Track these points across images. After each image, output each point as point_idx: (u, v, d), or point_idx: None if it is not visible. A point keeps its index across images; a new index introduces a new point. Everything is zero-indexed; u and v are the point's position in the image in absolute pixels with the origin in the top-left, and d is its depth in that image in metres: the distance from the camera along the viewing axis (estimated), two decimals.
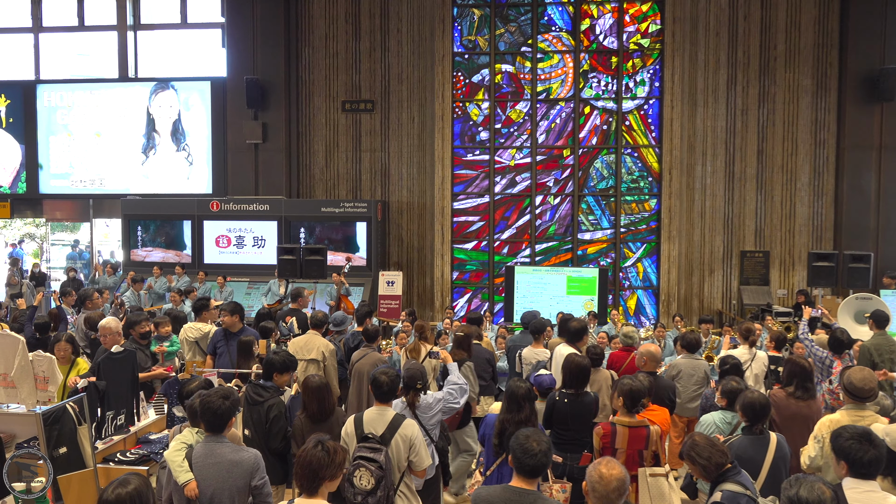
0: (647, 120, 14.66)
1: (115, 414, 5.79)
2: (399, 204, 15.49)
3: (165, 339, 7.34)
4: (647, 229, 14.77)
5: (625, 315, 14.52)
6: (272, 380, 5.30)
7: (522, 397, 4.76)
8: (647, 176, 14.73)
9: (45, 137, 16.72)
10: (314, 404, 4.88)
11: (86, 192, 16.69)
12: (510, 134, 15.01)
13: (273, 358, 5.32)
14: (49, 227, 18.87)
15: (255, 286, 14.35)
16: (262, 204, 14.70)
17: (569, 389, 5.44)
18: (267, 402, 5.11)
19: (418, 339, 7.53)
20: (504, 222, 15.09)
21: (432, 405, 5.12)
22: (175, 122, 16.29)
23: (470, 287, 15.24)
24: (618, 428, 4.80)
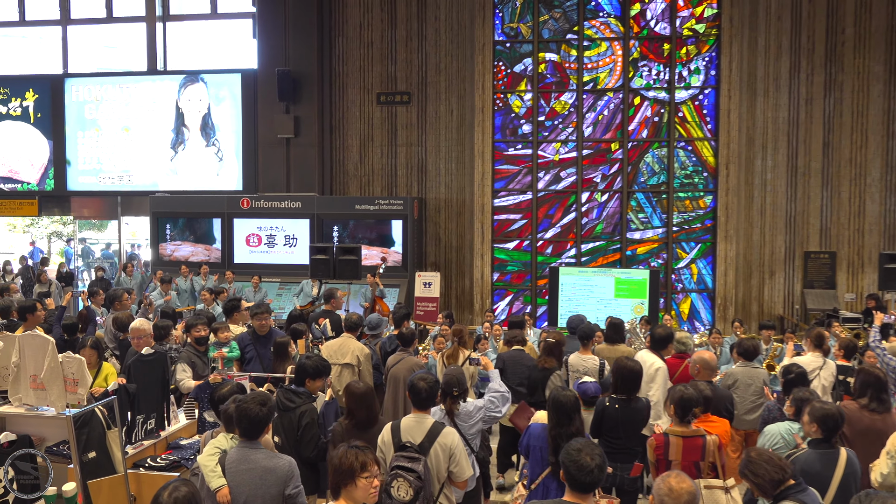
0: (703, 111, 14.48)
1: (145, 418, 5.92)
2: (436, 201, 15.54)
3: (225, 345, 7.32)
4: (701, 228, 14.58)
5: (678, 320, 14.36)
6: (304, 385, 5.36)
7: (571, 409, 4.74)
8: (701, 171, 14.54)
9: (74, 133, 17.18)
10: (363, 411, 4.92)
11: (114, 189, 17.10)
12: (554, 127, 14.94)
13: (305, 363, 5.38)
14: (77, 225, 19.38)
15: (287, 287, 14.53)
16: (294, 201, 14.88)
17: (620, 395, 5.41)
18: (299, 409, 5.17)
19: (456, 345, 7.55)
20: (548, 220, 15.03)
21: (472, 413, 5.13)
22: (204, 116, 16.59)
23: (511, 289, 15.22)
24: (671, 439, 4.76)
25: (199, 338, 7.06)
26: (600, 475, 3.39)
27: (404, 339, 7.33)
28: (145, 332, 6.64)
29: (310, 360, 5.40)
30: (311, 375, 5.39)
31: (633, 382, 5.35)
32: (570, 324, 8.29)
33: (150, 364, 6.10)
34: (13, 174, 17.58)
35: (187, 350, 7.02)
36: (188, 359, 6.87)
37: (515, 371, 7.37)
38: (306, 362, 5.37)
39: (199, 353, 6.99)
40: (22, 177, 17.54)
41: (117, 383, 5.87)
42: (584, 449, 3.45)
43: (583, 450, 3.45)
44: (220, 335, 7.33)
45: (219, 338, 7.32)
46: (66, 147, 17.20)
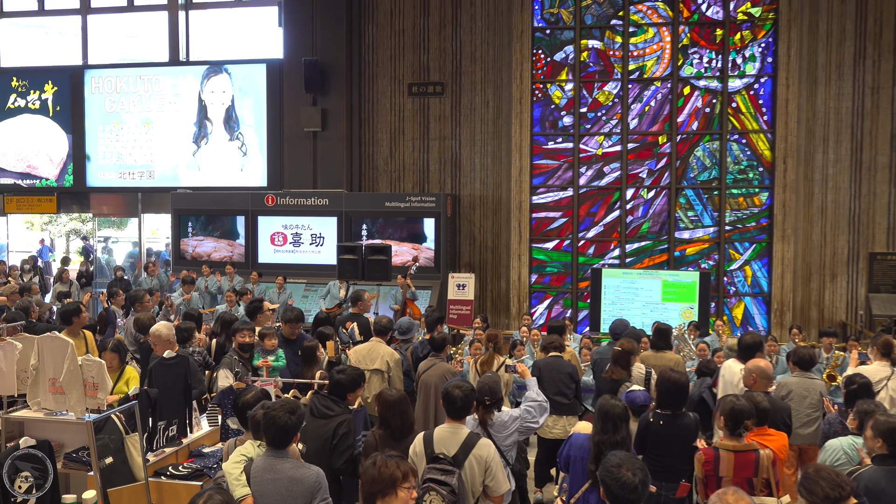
0: (758, 101, 14.30)
1: (166, 424, 6.03)
2: (471, 198, 15.56)
3: (271, 353, 7.30)
4: (756, 227, 14.41)
5: (730, 326, 14.20)
6: (345, 398, 5.42)
7: (619, 417, 4.72)
8: (757, 166, 14.37)
9: (93, 127, 17.54)
10: (398, 419, 4.95)
11: (134, 185, 17.42)
12: (597, 119, 14.87)
13: (341, 378, 5.40)
14: (96, 223, 19.76)
15: (313, 288, 14.66)
16: (321, 198, 15.02)
17: (664, 409, 5.36)
18: (337, 418, 5.22)
19: (491, 350, 7.56)
20: (590, 219, 14.97)
21: (507, 423, 5.13)
22: (228, 108, 16.82)
23: (550, 292, 15.18)
24: (721, 453, 4.71)
25: (244, 344, 7.06)
26: (644, 491, 3.34)
27: (436, 344, 7.36)
28: (164, 338, 6.73)
29: (344, 375, 5.42)
30: (349, 388, 5.44)
31: (679, 396, 5.30)
32: (613, 329, 8.24)
33: (172, 368, 6.19)
34: (31, 170, 18.00)
35: (230, 356, 7.03)
36: (230, 365, 6.88)
37: (552, 379, 7.35)
38: (342, 378, 5.39)
39: (242, 359, 7.00)
40: (40, 172, 17.95)
41: (137, 388, 5.97)
42: (624, 464, 3.40)
43: (623, 464, 3.39)
44: (266, 342, 7.30)
45: (265, 345, 7.30)
46: (86, 141, 17.56)
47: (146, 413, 5.78)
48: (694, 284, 12.62)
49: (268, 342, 7.31)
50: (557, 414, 7.36)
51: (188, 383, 6.31)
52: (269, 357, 7.22)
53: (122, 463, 5.52)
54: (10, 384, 6.46)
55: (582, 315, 14.83)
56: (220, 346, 8.22)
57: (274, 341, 7.34)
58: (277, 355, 7.30)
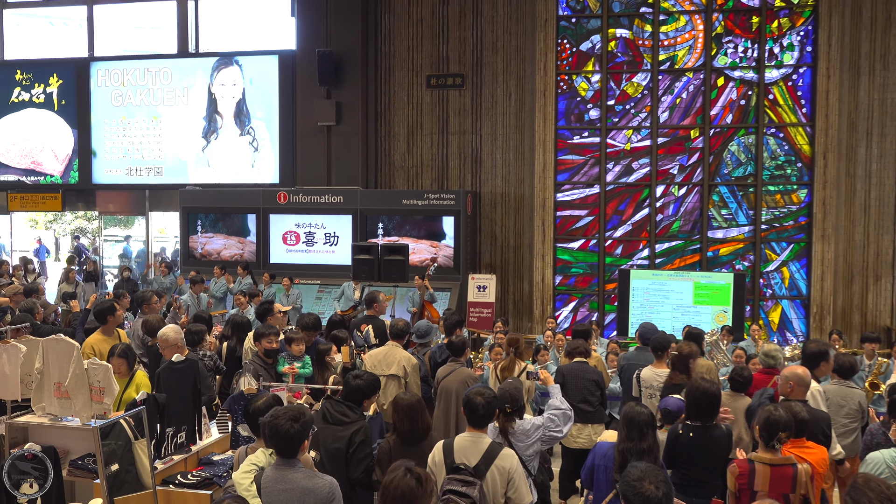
0: (797, 93, 14.20)
1: (175, 431, 6.09)
2: (492, 195, 15.57)
3: (298, 359, 7.28)
4: (794, 226, 14.31)
5: (766, 331, 14.11)
6: (361, 405, 5.44)
7: (644, 424, 4.72)
8: (795, 161, 14.27)
9: (100, 121, 17.73)
10: (405, 423, 4.99)
11: (142, 182, 17.58)
12: (626, 112, 14.82)
13: (359, 384, 5.43)
14: (102, 221, 19.97)
15: (327, 290, 14.73)
16: (335, 195, 15.09)
17: (694, 421, 5.34)
18: (353, 425, 5.25)
19: (512, 355, 7.57)
20: (617, 217, 14.93)
21: (529, 432, 5.14)
22: (239, 102, 16.93)
23: (576, 294, 15.15)
24: (757, 466, 4.69)
25: (269, 350, 7.07)
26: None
27: (455, 348, 7.38)
28: (171, 342, 6.78)
29: (361, 380, 5.45)
30: (366, 395, 5.48)
31: (710, 406, 5.27)
32: (641, 334, 8.23)
33: (181, 372, 6.24)
34: (36, 166, 18.22)
35: (254, 361, 7.04)
36: (254, 371, 6.90)
37: (577, 386, 7.35)
38: (359, 383, 5.42)
39: (266, 365, 7.02)
40: (45, 169, 18.16)
41: (145, 393, 6.03)
42: (646, 476, 3.37)
43: (645, 477, 3.36)
44: (293, 347, 7.29)
45: (291, 350, 7.29)
46: (92, 137, 17.76)
47: (154, 419, 5.84)
48: (728, 287, 12.55)
49: (294, 347, 7.28)
50: (582, 422, 7.35)
51: (197, 388, 6.36)
52: (295, 363, 7.18)
53: (129, 470, 5.57)
54: (13, 388, 6.56)
55: (609, 319, 14.79)
56: (231, 350, 8.29)
57: (301, 347, 7.32)
58: (304, 362, 7.27)
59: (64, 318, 11.73)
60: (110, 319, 7.81)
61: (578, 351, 7.60)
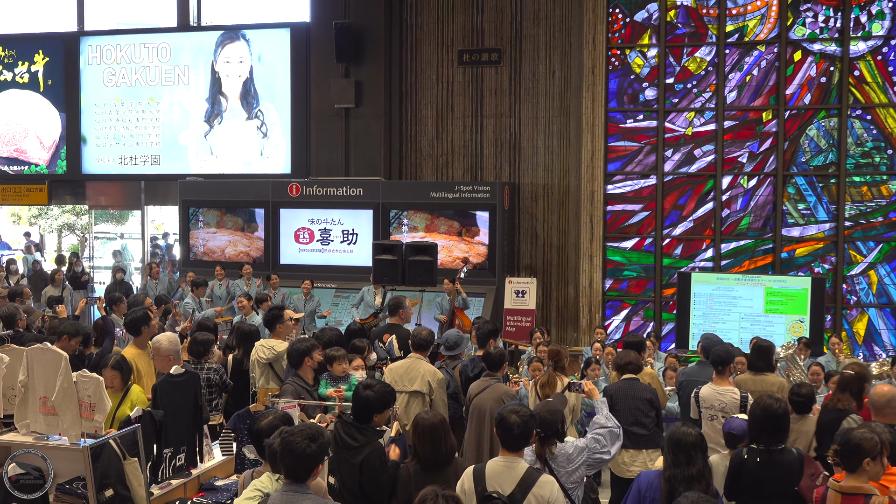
0: (887, 69, 14.03)
1: (173, 452, 6.17)
2: (533, 187, 15.55)
3: (343, 380, 7.19)
4: (883, 223, 14.16)
5: (850, 343, 13.96)
6: (371, 421, 5.49)
7: (692, 446, 4.72)
8: (885, 147, 14.11)
9: (90, 104, 18.00)
10: (426, 446, 5.01)
11: (137, 173, 17.81)
12: (687, 91, 14.74)
13: (367, 395, 5.44)
14: (92, 216, 20.25)
15: (344, 294, 14.82)
16: (355, 187, 15.17)
17: (760, 444, 5.33)
18: (365, 449, 5.29)
19: (552, 370, 7.57)
20: (677, 212, 14.85)
21: (572, 456, 5.15)
22: (246, 81, 17.09)
23: (629, 300, 15.10)
24: (829, 493, 4.68)
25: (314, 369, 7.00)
26: None
27: (491, 361, 7.39)
28: (165, 353, 6.83)
29: (371, 390, 5.47)
30: (377, 409, 5.48)
31: (775, 428, 5.25)
32: (703, 347, 8.19)
33: (180, 387, 6.30)
34: (19, 154, 18.53)
35: (293, 382, 6.90)
36: (295, 393, 6.79)
37: (628, 406, 7.33)
38: (368, 394, 5.44)
39: (308, 387, 6.95)
40: (30, 157, 18.47)
41: (140, 409, 6.09)
42: None
43: None
44: (335, 367, 7.17)
45: (334, 370, 7.19)
46: (82, 121, 18.02)
47: (150, 439, 5.91)
48: (805, 293, 12.45)
49: (337, 367, 7.16)
50: (636, 448, 7.34)
51: (199, 405, 6.43)
52: (340, 385, 7.08)
53: (123, 496, 5.66)
54: None
55: (667, 329, 14.72)
56: (237, 362, 8.36)
57: (344, 365, 7.21)
58: (350, 384, 7.19)
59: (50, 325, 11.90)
60: (144, 330, 7.70)
61: (630, 366, 7.58)
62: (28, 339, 8.08)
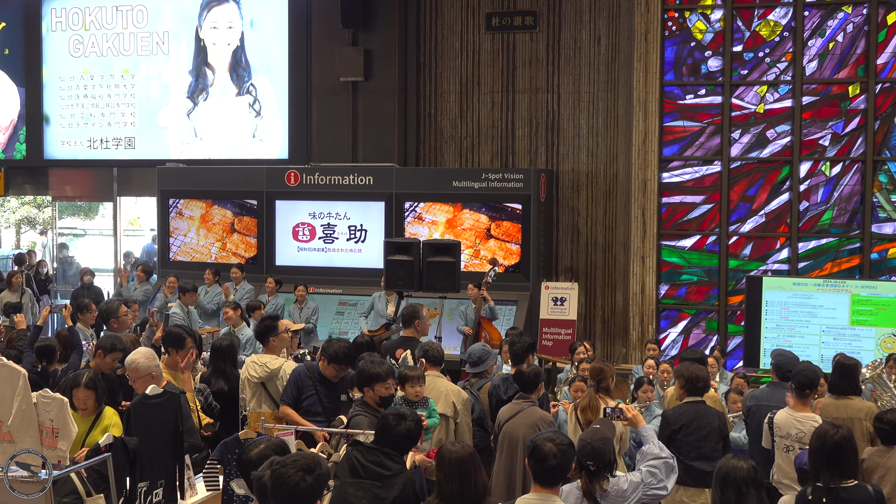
0: None
1: (149, 486, 6.21)
2: (574, 175, 15.53)
3: (420, 405, 7.17)
4: None
5: None
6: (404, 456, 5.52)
7: (744, 481, 4.71)
8: None
9: (54, 77, 18.11)
10: (454, 484, 5.02)
11: (109, 158, 17.89)
12: (758, 61, 14.67)
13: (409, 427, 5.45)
14: (56, 209, 20.37)
15: (351, 302, 14.84)
16: (363, 175, 15.19)
17: (825, 482, 5.31)
18: (398, 479, 5.30)
19: (595, 392, 7.56)
20: (746, 205, 14.77)
21: (627, 493, 5.16)
22: (236, 51, 17.15)
23: (688, 310, 15.03)
24: None
25: (388, 397, 6.87)
26: None
27: (525, 381, 7.39)
28: (145, 370, 6.84)
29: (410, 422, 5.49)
30: (416, 441, 5.57)
31: (838, 460, 5.24)
32: (777, 365, 8.15)
33: (158, 409, 6.32)
34: None
35: (362, 410, 6.83)
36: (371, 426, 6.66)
37: (691, 436, 7.30)
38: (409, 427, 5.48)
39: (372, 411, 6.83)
40: None
41: (111, 436, 6.12)
42: None
43: None
44: (408, 389, 7.14)
45: (407, 393, 7.17)
46: (45, 98, 18.13)
47: (122, 470, 5.94)
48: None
49: (410, 389, 7.11)
50: (696, 486, 7.30)
51: (179, 430, 6.45)
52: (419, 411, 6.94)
53: None
54: None
55: (733, 344, 14.64)
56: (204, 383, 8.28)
57: (419, 388, 7.17)
58: (429, 409, 7.16)
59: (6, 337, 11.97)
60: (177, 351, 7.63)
61: (699, 385, 7.50)
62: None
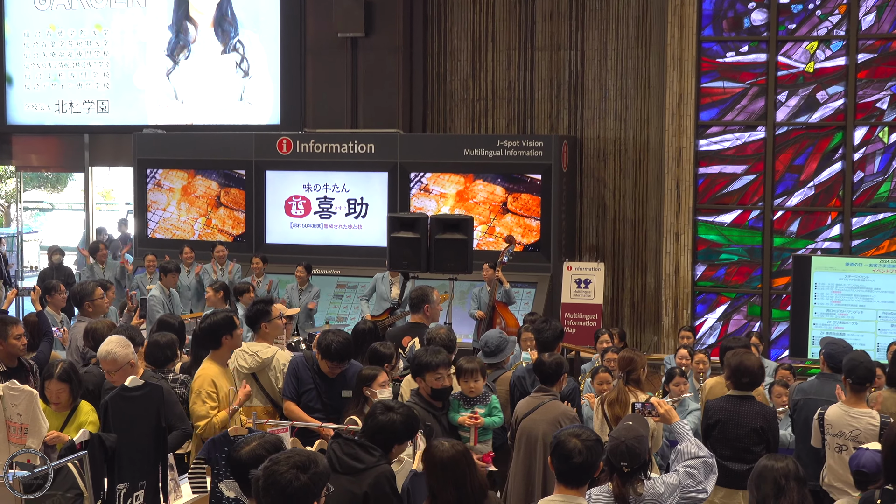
0: None
1: (129, 488, 6.23)
2: (600, 143, 15.50)
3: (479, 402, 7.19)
4: None
5: None
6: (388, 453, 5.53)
7: (781, 474, 4.73)
8: None
9: (17, 33, 18.08)
10: (449, 490, 5.03)
11: (79, 124, 17.89)
12: (808, 15, 14.61)
13: (392, 420, 5.48)
14: (21, 180, 20.39)
15: (350, 284, 14.86)
16: (364, 142, 15.16)
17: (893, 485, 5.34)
18: (370, 473, 5.32)
19: (623, 384, 7.56)
20: (793, 176, 14.74)
21: (663, 497, 5.19)
22: (221, 3, 17.10)
23: (727, 293, 15.02)
24: None
25: (441, 389, 6.94)
26: None
27: (545, 372, 7.39)
28: (123, 360, 6.86)
29: (396, 414, 5.51)
30: (401, 437, 5.54)
31: None
32: (828, 354, 8.14)
33: (138, 403, 6.33)
34: None
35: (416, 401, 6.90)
36: (422, 419, 6.65)
37: (731, 434, 7.32)
38: (393, 418, 5.47)
39: (435, 411, 6.95)
40: None
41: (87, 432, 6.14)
42: None
43: None
44: (462, 384, 7.17)
45: (463, 388, 7.20)
46: (7, 56, 18.11)
47: (100, 470, 5.97)
48: None
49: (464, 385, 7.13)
50: (732, 487, 7.31)
51: (162, 426, 6.47)
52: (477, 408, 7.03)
53: None
54: None
55: (778, 331, 14.64)
56: None
57: (478, 383, 7.16)
58: (489, 405, 7.11)
59: None
60: (226, 341, 7.48)
61: (744, 378, 7.46)
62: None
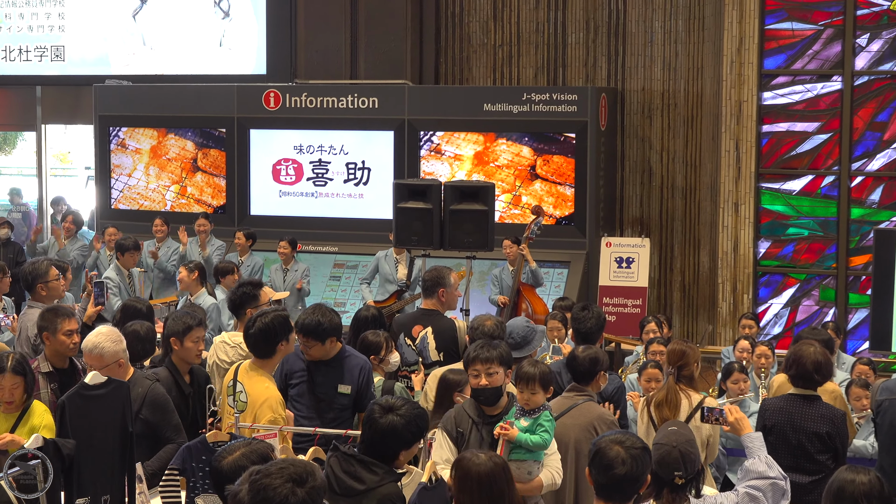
0: None
1: (90, 502, 6.27)
2: (646, 96, 15.49)
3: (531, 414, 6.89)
4: None
5: None
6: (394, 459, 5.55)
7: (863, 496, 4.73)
8: None
9: None
10: None
11: (31, 74, 17.95)
12: None
13: (391, 421, 5.50)
14: None
15: (350, 263, 14.89)
16: (366, 96, 15.17)
17: None
18: (375, 494, 5.35)
19: (674, 382, 7.56)
20: (875, 136, 14.71)
21: None
22: None
23: (796, 274, 15.01)
24: None
25: (479, 390, 6.75)
26: None
27: (579, 368, 7.39)
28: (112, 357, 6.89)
29: (397, 415, 5.52)
30: (405, 441, 5.56)
31: None
32: None
33: (101, 404, 6.37)
34: None
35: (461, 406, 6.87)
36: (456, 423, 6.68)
37: (789, 440, 7.32)
38: (393, 419, 5.48)
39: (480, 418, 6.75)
40: None
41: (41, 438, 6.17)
42: None
43: None
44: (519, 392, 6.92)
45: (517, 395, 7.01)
46: None
47: (56, 482, 6.00)
48: None
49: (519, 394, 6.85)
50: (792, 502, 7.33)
51: (128, 431, 6.48)
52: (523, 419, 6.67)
53: None
54: None
55: (856, 320, 14.63)
56: None
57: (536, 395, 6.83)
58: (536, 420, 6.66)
59: None
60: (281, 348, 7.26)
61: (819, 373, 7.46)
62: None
